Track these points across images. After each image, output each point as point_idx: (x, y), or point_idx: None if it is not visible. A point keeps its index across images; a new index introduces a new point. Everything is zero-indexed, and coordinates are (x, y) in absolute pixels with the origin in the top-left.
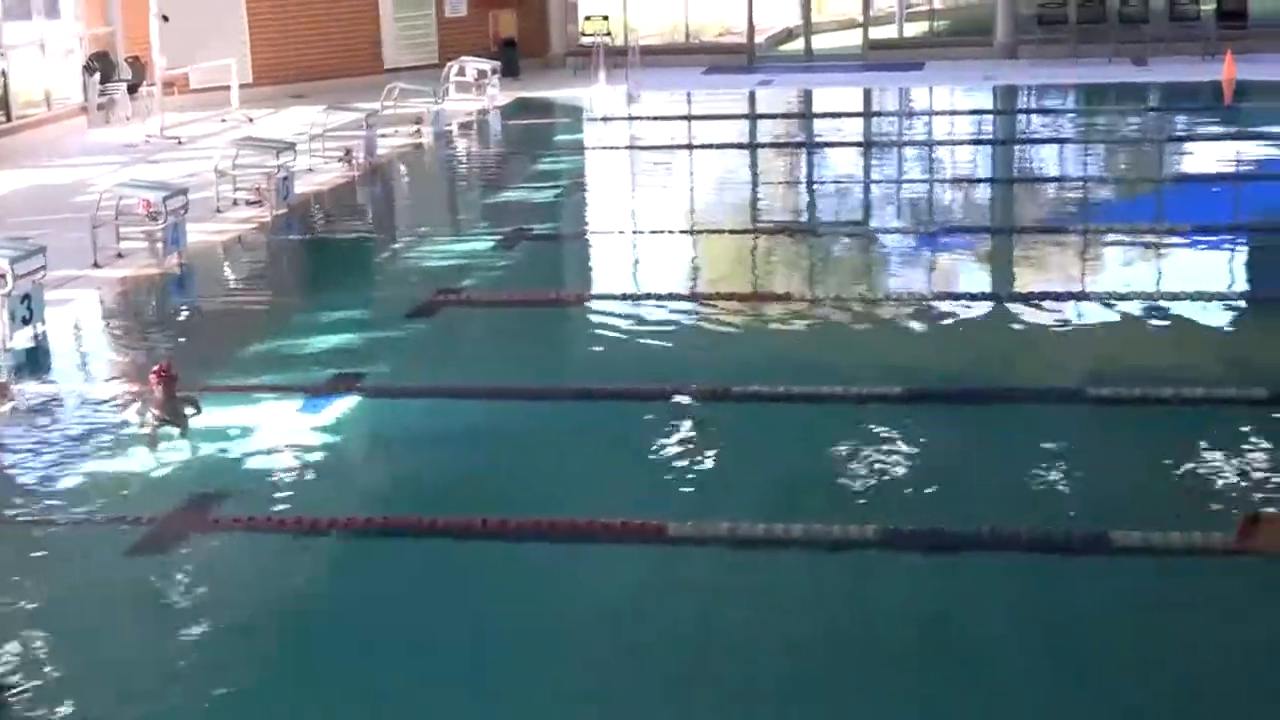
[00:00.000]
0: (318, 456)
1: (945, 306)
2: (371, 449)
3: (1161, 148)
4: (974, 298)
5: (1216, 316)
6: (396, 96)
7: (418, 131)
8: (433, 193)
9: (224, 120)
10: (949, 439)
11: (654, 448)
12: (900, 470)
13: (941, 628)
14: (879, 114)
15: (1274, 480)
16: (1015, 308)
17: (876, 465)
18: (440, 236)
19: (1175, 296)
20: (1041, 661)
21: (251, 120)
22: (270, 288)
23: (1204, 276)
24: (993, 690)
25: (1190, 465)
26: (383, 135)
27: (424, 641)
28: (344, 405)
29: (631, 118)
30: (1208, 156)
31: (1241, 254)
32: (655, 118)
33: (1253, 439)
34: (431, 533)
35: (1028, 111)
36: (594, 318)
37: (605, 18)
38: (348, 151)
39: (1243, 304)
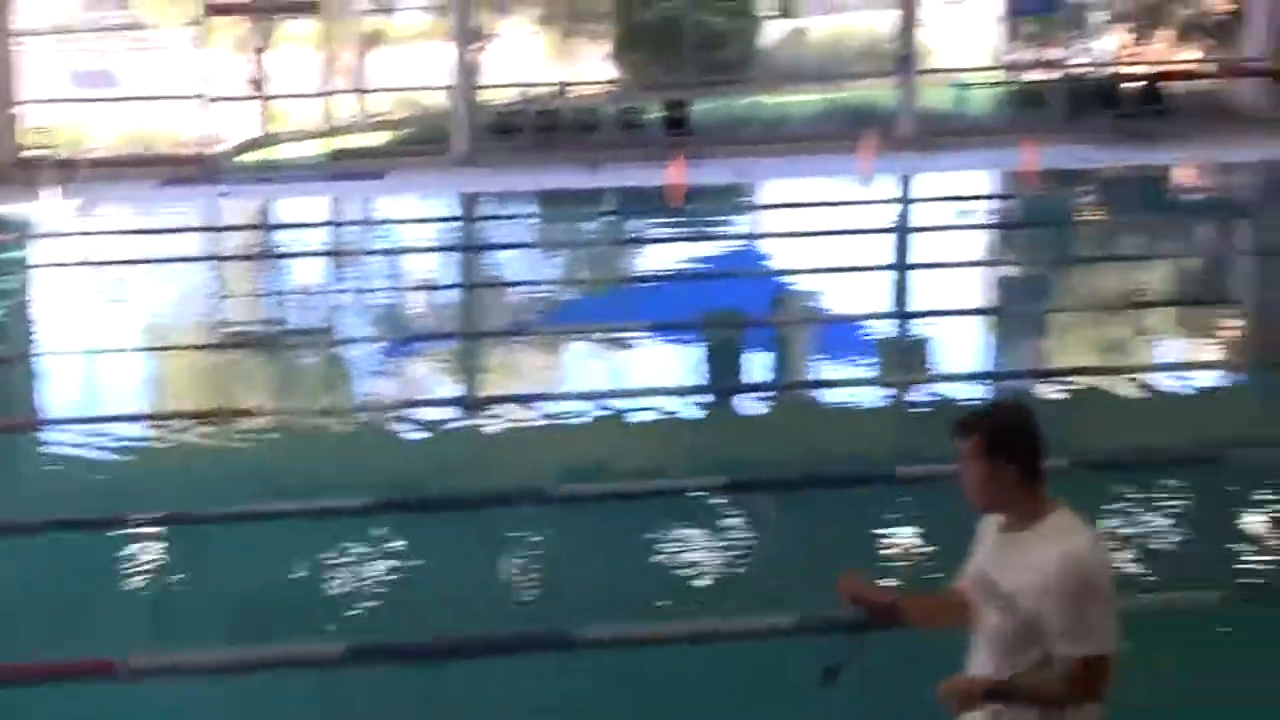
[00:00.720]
0: None
1: (415, 414)
2: None
3: (617, 250)
4: (443, 403)
5: (674, 409)
6: None
7: None
8: None
9: None
10: (422, 548)
11: (108, 580)
12: (373, 583)
13: None
14: (342, 223)
15: (742, 562)
16: (484, 412)
17: (348, 580)
18: None
19: (636, 393)
20: None
21: None
22: None
23: (662, 372)
24: None
25: (659, 555)
26: None
27: None
28: None
29: (82, 233)
30: (660, 257)
31: (695, 349)
32: (109, 232)
33: (715, 524)
34: None
35: (488, 218)
36: (43, 445)
37: (50, 130)
38: None
39: (698, 396)
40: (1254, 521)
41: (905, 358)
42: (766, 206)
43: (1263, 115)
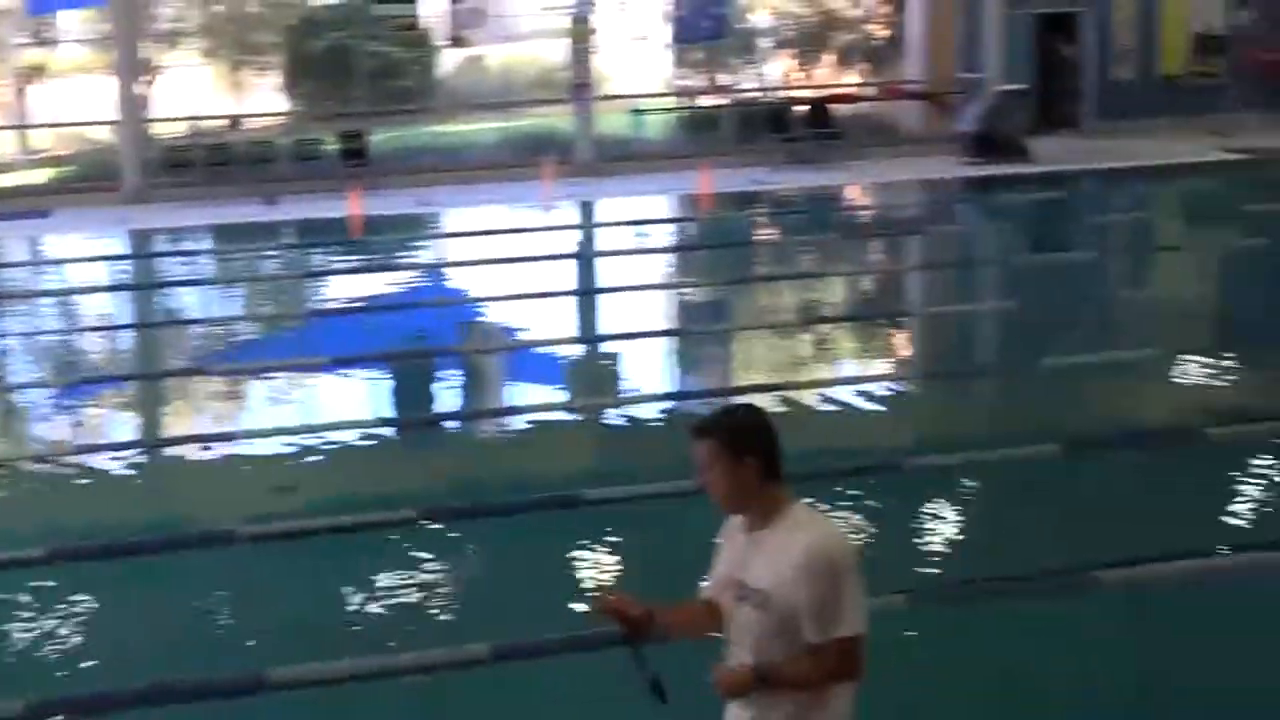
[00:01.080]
0: None
1: (91, 459)
2: None
3: (299, 284)
4: (121, 447)
5: (363, 443)
6: None
7: None
8: None
9: None
10: (103, 596)
11: None
12: (51, 636)
13: None
14: (4, 264)
15: (436, 594)
16: (165, 453)
17: (25, 635)
18: None
19: (323, 428)
20: None
21: None
22: None
23: (349, 405)
24: None
25: (353, 591)
26: None
27: None
28: None
29: None
30: (344, 289)
31: (382, 380)
32: None
33: (410, 557)
34: None
35: (162, 255)
36: None
37: None
38: None
39: (387, 428)
40: (933, 526)
41: (592, 381)
42: (449, 235)
43: (920, 135)
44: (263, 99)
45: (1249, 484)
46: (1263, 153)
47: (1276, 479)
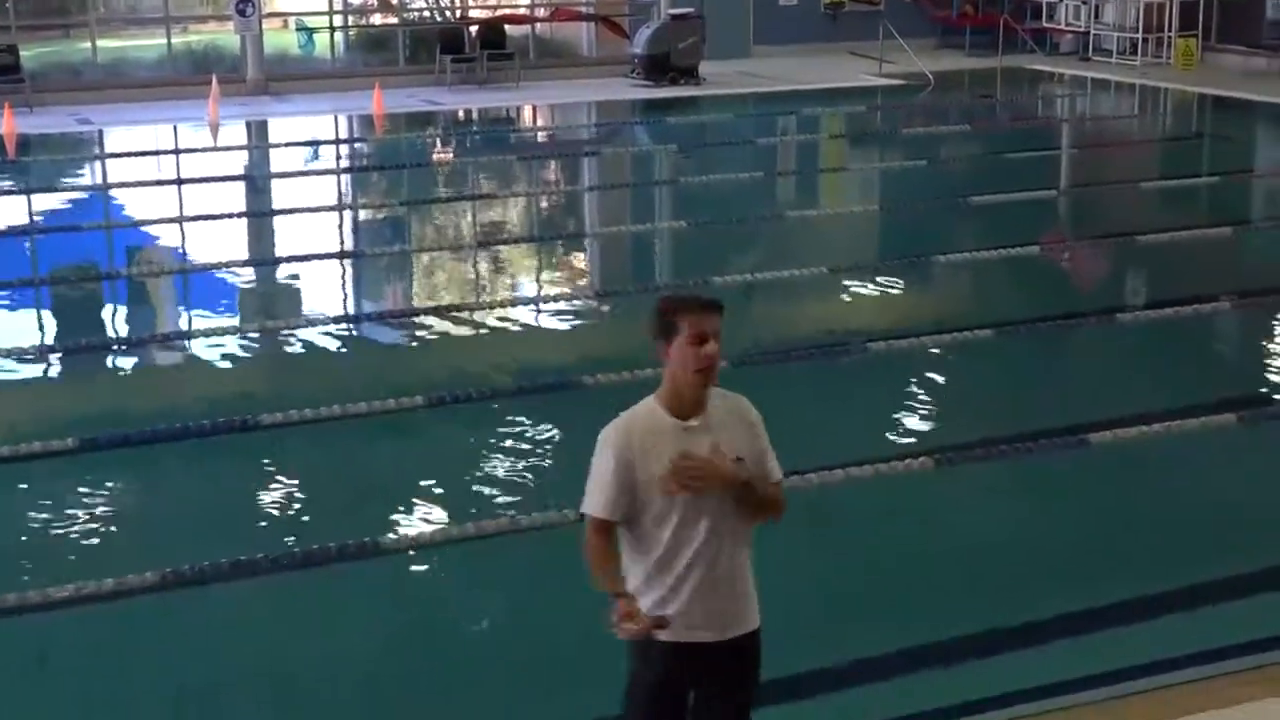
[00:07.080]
0: None
1: None
2: None
3: None
4: None
5: (15, 371)
6: None
7: None
8: None
9: None
10: None
11: None
12: None
13: None
14: None
15: (105, 524)
16: None
17: None
18: None
19: None
20: None
21: None
22: None
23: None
24: None
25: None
26: None
27: None
28: None
29: None
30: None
31: (38, 307)
32: None
33: (67, 489)
34: None
35: None
36: None
37: None
38: None
39: (47, 355)
40: None
41: (265, 304)
42: (111, 155)
43: (593, 58)
44: None
45: (904, 394)
46: (914, 77)
47: (926, 388)
